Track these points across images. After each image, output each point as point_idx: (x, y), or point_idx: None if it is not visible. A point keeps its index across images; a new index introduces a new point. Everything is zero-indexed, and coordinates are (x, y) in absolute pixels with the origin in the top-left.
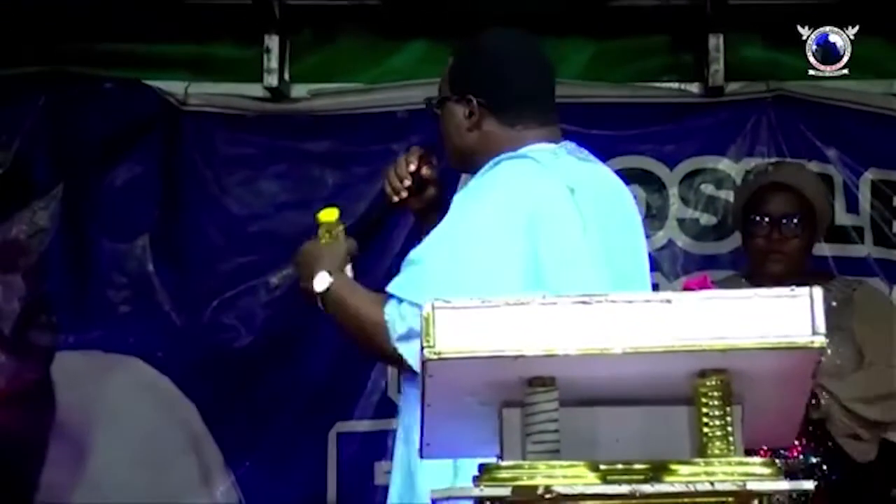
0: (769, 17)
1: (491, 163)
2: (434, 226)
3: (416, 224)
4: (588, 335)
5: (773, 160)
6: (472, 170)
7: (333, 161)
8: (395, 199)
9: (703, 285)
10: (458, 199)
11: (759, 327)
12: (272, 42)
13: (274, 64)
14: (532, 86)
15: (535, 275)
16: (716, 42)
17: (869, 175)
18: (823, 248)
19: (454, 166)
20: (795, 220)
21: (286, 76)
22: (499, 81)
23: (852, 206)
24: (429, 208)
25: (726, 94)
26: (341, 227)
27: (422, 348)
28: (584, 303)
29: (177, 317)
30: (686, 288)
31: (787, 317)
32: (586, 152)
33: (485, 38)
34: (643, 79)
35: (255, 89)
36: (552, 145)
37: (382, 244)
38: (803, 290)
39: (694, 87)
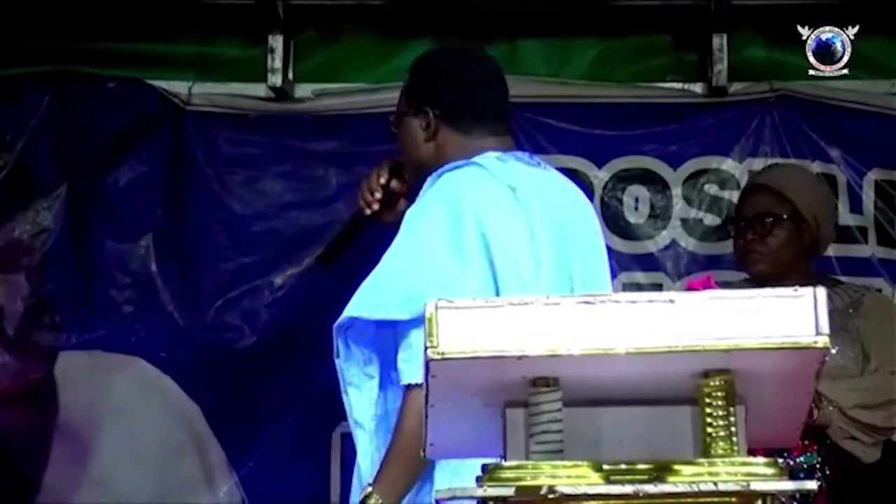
0: (772, 16)
1: (435, 174)
2: None
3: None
4: (591, 335)
5: (776, 161)
6: None
7: (337, 161)
8: (368, 211)
9: (706, 285)
10: (410, 213)
11: (763, 327)
12: (276, 42)
13: (278, 64)
14: (485, 96)
15: (492, 274)
16: (719, 42)
17: (872, 175)
18: (827, 249)
19: (412, 181)
20: (770, 219)
21: (290, 76)
22: (453, 92)
23: (856, 207)
24: (399, 221)
25: (730, 95)
26: None
27: (425, 349)
28: (587, 303)
29: (180, 317)
30: (690, 288)
31: (790, 317)
32: (539, 160)
33: (439, 53)
34: (647, 79)
35: (259, 89)
36: (500, 153)
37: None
38: (807, 291)
39: (697, 88)
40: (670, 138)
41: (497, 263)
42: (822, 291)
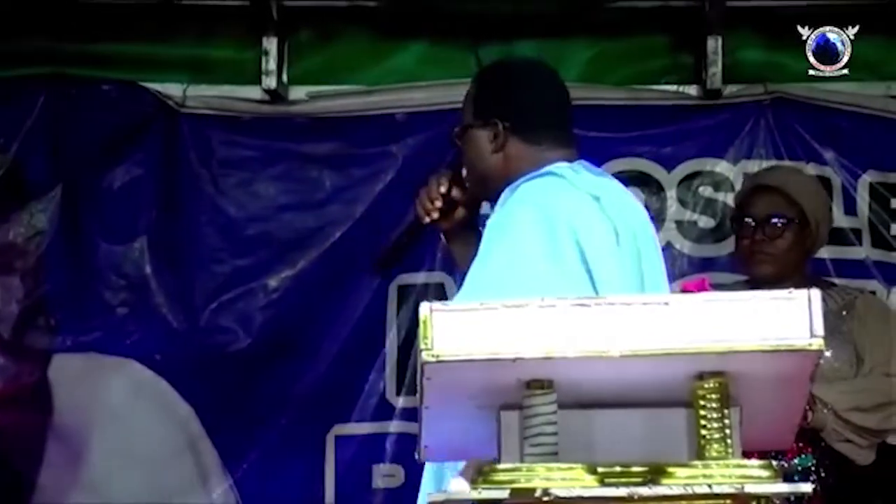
0: (767, 19)
1: (512, 186)
2: (463, 246)
3: (443, 244)
4: (586, 338)
5: (771, 163)
6: (494, 194)
7: (332, 163)
8: (427, 219)
9: (701, 287)
10: (496, 223)
11: (758, 330)
12: (270, 44)
13: (272, 66)
14: (553, 108)
15: (589, 273)
16: (714, 44)
17: (867, 177)
18: (821, 251)
19: (476, 193)
20: (779, 221)
21: (284, 78)
22: (522, 104)
23: (850, 209)
24: (457, 229)
25: (724, 97)
26: None
27: (420, 351)
28: (582, 305)
29: (174, 319)
30: (684, 290)
31: (785, 319)
32: (600, 169)
33: (506, 64)
34: (642, 81)
35: (254, 91)
36: (569, 163)
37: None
38: (801, 293)
39: (692, 90)
40: (665, 140)
41: (594, 271)
42: (816, 294)
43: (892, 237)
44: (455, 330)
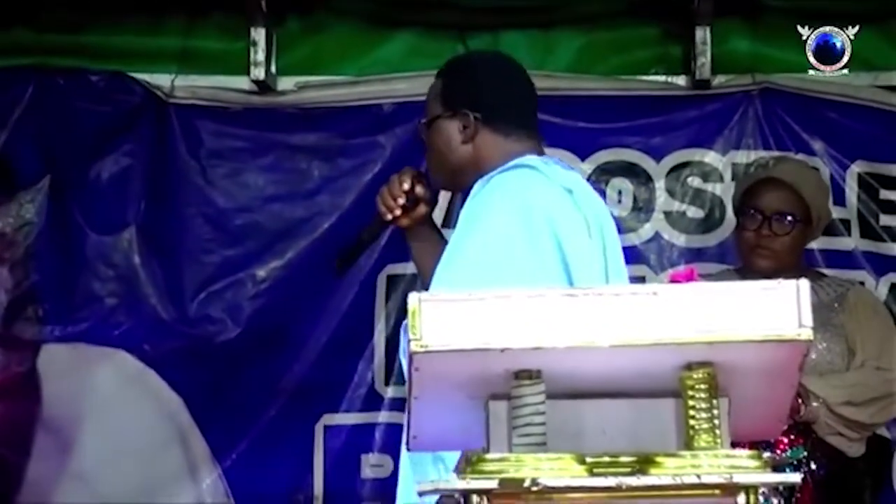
0: (756, 9)
1: (486, 177)
2: (423, 244)
3: (407, 240)
4: (575, 328)
5: (777, 155)
6: (462, 186)
7: (320, 154)
8: (389, 216)
9: (689, 278)
10: (469, 214)
11: (746, 320)
12: (259, 35)
13: (260, 56)
14: (521, 100)
15: (568, 272)
16: (703, 35)
17: (855, 167)
18: (811, 242)
19: (441, 186)
20: (788, 219)
21: (273, 69)
22: (493, 95)
23: (839, 199)
24: (418, 227)
25: (713, 87)
26: None
27: (408, 341)
28: (570, 295)
29: (163, 309)
30: (673, 281)
31: (773, 310)
32: (566, 163)
33: (473, 58)
34: (630, 71)
35: (242, 82)
36: (538, 156)
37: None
38: (790, 283)
39: (681, 80)
40: (653, 131)
41: (570, 261)
42: (804, 284)
43: (880, 227)
44: (444, 320)
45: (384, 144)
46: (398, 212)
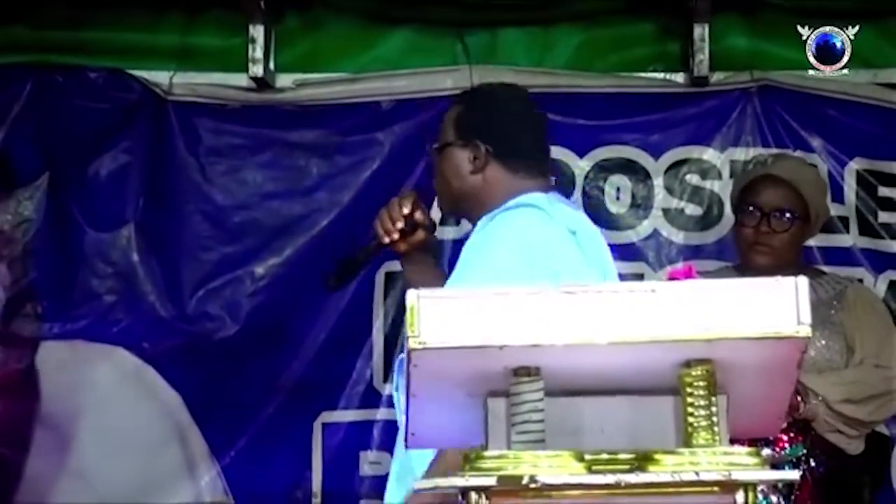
0: (754, 6)
1: (496, 211)
2: (418, 270)
3: (401, 265)
4: (573, 325)
5: (776, 152)
6: (466, 213)
7: (318, 151)
8: (386, 240)
9: (688, 275)
10: (473, 246)
11: (745, 317)
12: (257, 32)
13: (259, 54)
14: (535, 138)
15: None
16: (701, 32)
17: (854, 165)
18: (809, 239)
19: (445, 210)
20: (787, 216)
21: (271, 66)
22: (507, 130)
23: (837, 196)
24: (414, 252)
25: (711, 84)
26: None
27: (407, 338)
28: (569, 293)
29: (161, 307)
30: (671, 278)
31: (772, 307)
32: (570, 201)
33: (492, 90)
34: (629, 68)
35: (241, 79)
36: (546, 194)
37: None
38: (788, 281)
39: (679, 77)
40: (652, 128)
41: None
42: (803, 281)
43: (879, 225)
44: (442, 317)
45: (382, 141)
46: (396, 236)
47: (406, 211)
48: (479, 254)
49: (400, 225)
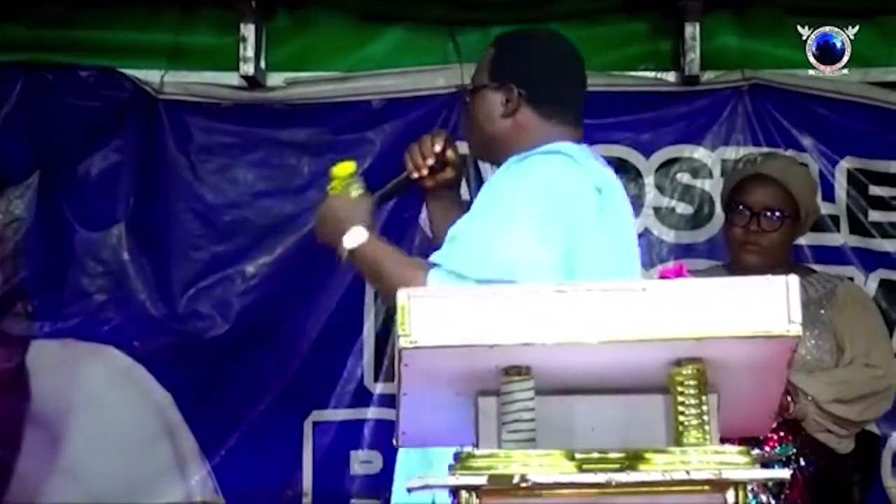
0: (745, 5)
1: (525, 153)
2: (442, 208)
3: (425, 202)
4: (564, 324)
5: (767, 151)
6: (496, 158)
7: (309, 150)
8: (416, 174)
9: (679, 274)
10: (496, 182)
11: (735, 316)
12: (248, 30)
13: (250, 52)
14: (570, 84)
15: (571, 264)
16: (692, 31)
17: (845, 164)
18: (799, 237)
19: (475, 154)
20: (777, 214)
21: (262, 65)
22: (542, 75)
23: (828, 195)
24: (440, 189)
25: (702, 83)
26: (361, 182)
27: (397, 337)
28: (560, 292)
29: (152, 305)
30: (662, 277)
31: (762, 306)
32: (600, 156)
33: (530, 34)
34: (620, 67)
35: (232, 78)
36: (578, 145)
37: None
38: (778, 279)
39: (670, 76)
40: (643, 127)
41: (578, 259)
42: (794, 280)
43: (869, 223)
44: (432, 316)
45: (373, 140)
46: (425, 171)
47: (438, 148)
48: (499, 194)
49: (430, 161)
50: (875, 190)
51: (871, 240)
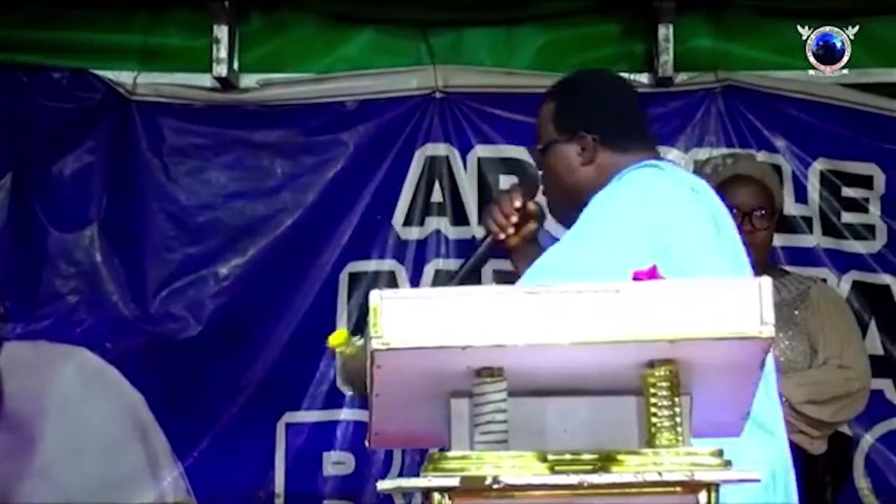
0: (719, 7)
1: (620, 175)
2: (526, 261)
3: (510, 259)
4: (537, 326)
5: (727, 153)
6: (582, 206)
7: (282, 151)
8: (502, 236)
9: (652, 276)
10: (595, 204)
11: (708, 317)
12: (221, 32)
13: (223, 54)
14: (633, 113)
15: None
16: (665, 32)
17: (818, 165)
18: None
19: (563, 210)
20: (764, 213)
21: (235, 66)
22: (606, 114)
23: (801, 197)
24: (524, 243)
25: (676, 85)
26: (356, 339)
27: (370, 339)
28: (532, 293)
29: (125, 307)
30: (635, 278)
31: (735, 307)
32: (684, 167)
33: (579, 78)
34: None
35: (205, 79)
36: (662, 160)
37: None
38: (751, 281)
39: (644, 78)
40: None
41: (678, 261)
42: (766, 281)
43: (842, 225)
44: (405, 318)
45: (347, 142)
46: (511, 230)
47: (518, 204)
48: (599, 211)
49: (514, 219)
50: (848, 191)
51: (843, 241)
